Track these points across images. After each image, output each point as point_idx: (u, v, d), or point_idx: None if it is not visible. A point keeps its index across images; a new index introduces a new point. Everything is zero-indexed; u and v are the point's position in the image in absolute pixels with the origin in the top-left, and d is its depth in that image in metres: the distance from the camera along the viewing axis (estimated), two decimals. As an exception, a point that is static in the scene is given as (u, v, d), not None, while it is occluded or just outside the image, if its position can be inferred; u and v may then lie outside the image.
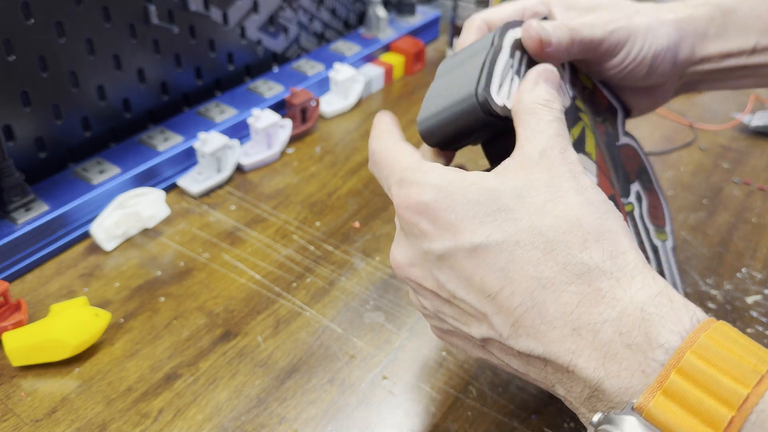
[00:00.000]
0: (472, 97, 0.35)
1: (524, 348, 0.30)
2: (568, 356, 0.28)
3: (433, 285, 0.33)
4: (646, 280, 0.29)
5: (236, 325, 0.51)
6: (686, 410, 0.25)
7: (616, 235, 0.30)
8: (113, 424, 0.43)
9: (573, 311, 0.28)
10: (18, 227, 0.54)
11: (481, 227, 0.30)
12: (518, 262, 0.29)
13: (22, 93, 0.57)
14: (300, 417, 0.44)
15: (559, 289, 0.29)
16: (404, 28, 0.89)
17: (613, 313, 0.28)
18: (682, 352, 0.26)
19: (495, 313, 0.30)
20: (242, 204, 0.63)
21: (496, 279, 0.30)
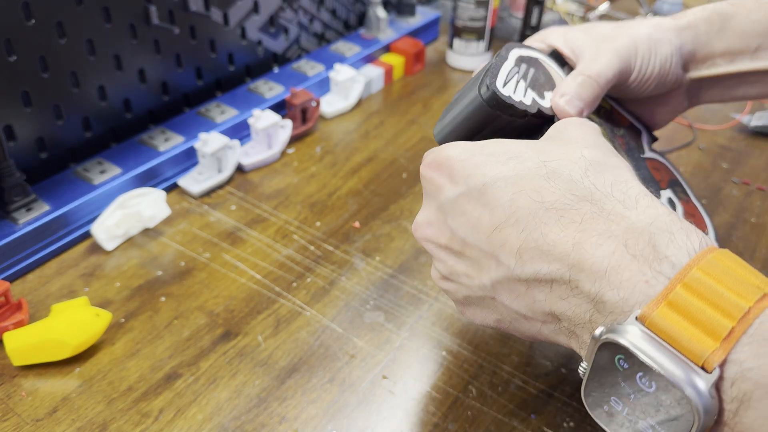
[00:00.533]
0: (476, 93, 0.37)
1: (530, 272, 0.30)
2: (569, 273, 0.29)
3: (446, 238, 0.34)
4: (653, 203, 0.29)
5: (237, 324, 0.51)
6: (688, 320, 0.25)
7: (619, 169, 0.31)
8: (114, 423, 0.44)
9: (576, 228, 0.29)
10: (19, 227, 0.54)
11: (492, 169, 0.32)
12: (524, 190, 0.31)
13: (23, 93, 0.57)
14: (300, 416, 0.44)
15: (561, 209, 0.30)
16: (404, 28, 0.89)
17: (618, 229, 0.28)
18: (690, 267, 0.26)
19: (501, 246, 0.31)
20: (243, 204, 0.63)
21: (502, 210, 0.31)
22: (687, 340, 0.25)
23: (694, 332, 0.25)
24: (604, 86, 0.42)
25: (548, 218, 0.30)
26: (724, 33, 0.45)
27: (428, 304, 0.53)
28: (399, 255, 0.57)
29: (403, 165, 0.69)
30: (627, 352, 0.26)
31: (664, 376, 0.25)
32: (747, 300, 0.25)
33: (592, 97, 0.41)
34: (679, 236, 0.27)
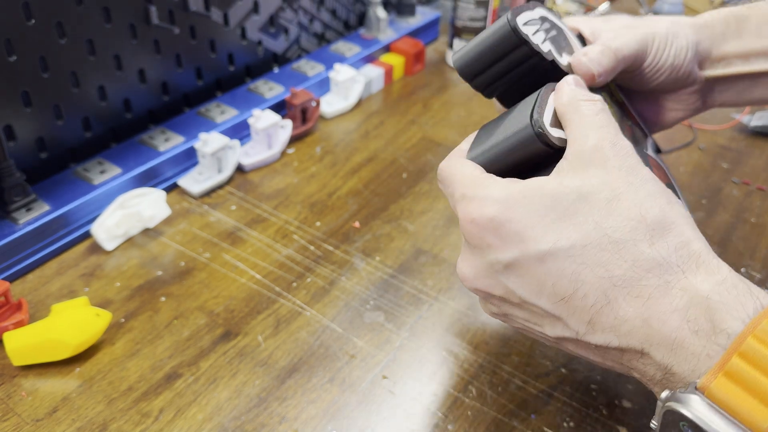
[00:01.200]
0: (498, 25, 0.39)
1: (600, 342, 0.31)
2: (640, 345, 0.30)
3: (502, 292, 0.34)
4: (710, 269, 0.30)
5: (237, 324, 0.51)
6: (746, 391, 0.26)
7: (680, 227, 0.31)
8: (114, 423, 0.44)
9: (644, 304, 0.30)
10: (19, 227, 0.54)
11: (546, 234, 0.31)
12: (588, 264, 0.30)
13: (23, 93, 0.57)
14: (300, 416, 0.44)
15: (629, 286, 0.30)
16: (404, 28, 0.89)
17: (681, 303, 0.29)
18: (744, 336, 0.27)
19: (569, 315, 0.31)
20: (243, 204, 0.63)
21: (568, 283, 0.31)
22: (746, 411, 0.26)
23: (752, 402, 0.26)
24: (621, 61, 0.42)
25: (617, 294, 0.30)
26: (740, 34, 0.45)
27: (428, 304, 0.53)
28: (399, 255, 0.57)
29: (403, 165, 0.69)
30: (689, 421, 0.27)
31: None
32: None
33: (610, 66, 0.41)
34: (733, 305, 0.28)
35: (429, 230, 0.60)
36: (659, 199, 0.31)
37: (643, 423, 0.44)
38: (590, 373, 0.47)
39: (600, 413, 0.45)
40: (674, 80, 0.45)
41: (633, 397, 0.46)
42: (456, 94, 0.82)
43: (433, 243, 0.59)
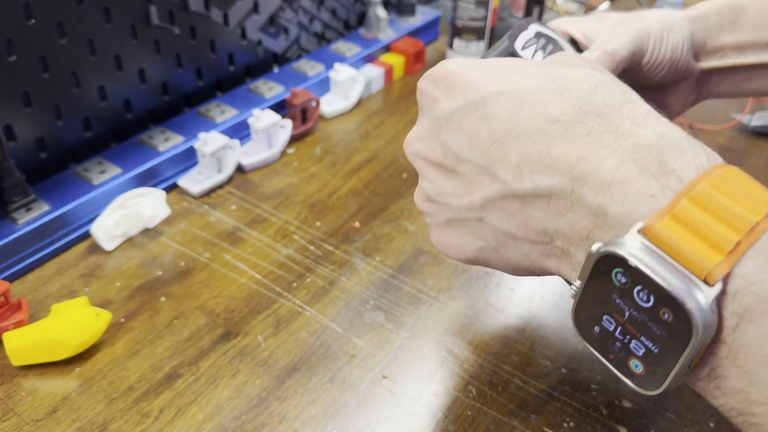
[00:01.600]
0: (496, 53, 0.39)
1: (528, 187, 0.29)
2: (571, 186, 0.28)
3: (439, 153, 0.33)
4: (662, 120, 0.28)
5: (237, 324, 0.51)
6: (693, 234, 0.24)
7: (629, 92, 0.30)
8: (114, 423, 0.44)
9: (582, 141, 0.28)
10: (19, 227, 0.54)
11: (493, 82, 0.31)
12: (527, 103, 0.30)
13: (23, 93, 0.57)
14: (300, 416, 0.44)
15: (567, 123, 0.28)
16: (404, 28, 0.89)
17: (626, 144, 0.27)
18: (697, 181, 0.25)
19: (499, 161, 0.30)
20: (243, 204, 0.63)
21: (502, 123, 0.30)
22: (691, 253, 0.24)
23: (699, 245, 0.24)
24: (618, 63, 0.42)
25: (552, 131, 0.28)
26: (735, 25, 0.45)
27: (428, 304, 0.53)
28: (399, 255, 0.57)
29: (403, 165, 0.69)
30: (626, 265, 0.25)
31: (665, 288, 0.24)
32: (755, 214, 0.24)
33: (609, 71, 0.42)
34: (687, 152, 0.26)
35: (429, 230, 0.60)
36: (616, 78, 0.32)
37: (643, 423, 0.44)
38: (590, 373, 0.47)
39: (600, 413, 0.45)
40: (674, 73, 0.45)
41: (633, 397, 0.46)
42: (456, 94, 0.82)
43: (433, 243, 0.59)
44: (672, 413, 0.45)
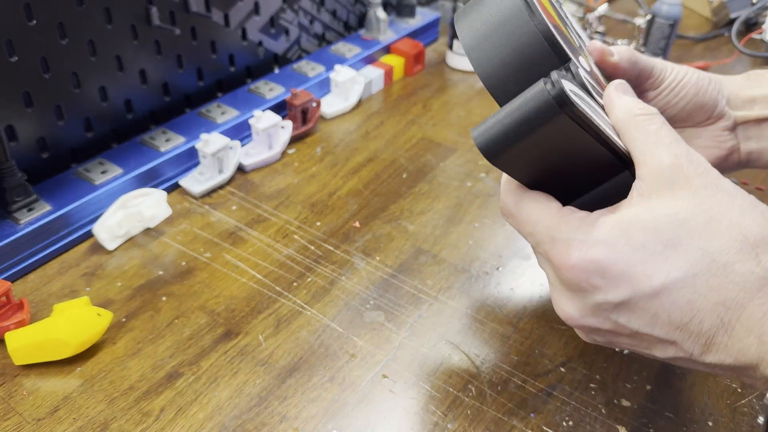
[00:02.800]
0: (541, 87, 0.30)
1: (714, 361, 0.31)
2: (754, 362, 0.30)
3: (611, 326, 0.34)
4: None
5: (237, 324, 0.51)
6: None
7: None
8: (115, 422, 0.44)
9: (758, 321, 0.30)
10: (20, 227, 0.54)
11: (656, 269, 0.31)
12: (701, 292, 0.31)
13: (25, 94, 0.57)
14: (301, 415, 0.44)
15: (742, 307, 0.30)
16: (404, 29, 0.89)
17: None
18: None
19: (684, 340, 0.32)
20: (243, 204, 0.64)
21: (683, 312, 0.31)
22: None
23: None
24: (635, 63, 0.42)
25: (731, 317, 0.30)
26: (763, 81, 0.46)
27: (428, 303, 0.53)
28: (399, 255, 0.58)
29: (403, 165, 0.69)
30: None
31: None
32: None
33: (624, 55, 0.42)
34: None
35: (429, 230, 0.61)
36: (754, 212, 0.31)
37: (642, 422, 0.44)
38: (589, 373, 0.47)
39: (599, 412, 0.45)
40: (701, 106, 0.45)
41: (632, 396, 0.46)
42: (456, 95, 0.83)
43: (433, 243, 0.59)
44: (671, 413, 0.45)
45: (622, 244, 0.31)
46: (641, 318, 0.32)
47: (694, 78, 0.44)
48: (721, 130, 0.46)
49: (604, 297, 0.32)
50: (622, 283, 0.32)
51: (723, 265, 0.30)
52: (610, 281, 0.32)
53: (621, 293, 0.32)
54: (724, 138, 0.46)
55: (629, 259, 0.31)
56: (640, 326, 0.32)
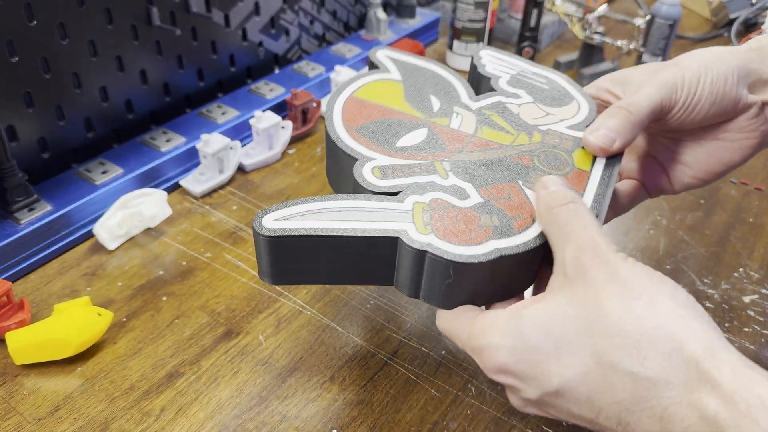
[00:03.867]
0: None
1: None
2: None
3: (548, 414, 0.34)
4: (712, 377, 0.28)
5: (238, 323, 0.51)
6: None
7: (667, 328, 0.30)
8: (115, 422, 0.44)
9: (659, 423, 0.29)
10: (21, 227, 0.55)
11: (551, 370, 0.31)
12: (597, 392, 0.31)
13: (25, 94, 0.57)
14: (301, 415, 0.44)
15: (639, 408, 0.30)
16: (404, 30, 0.90)
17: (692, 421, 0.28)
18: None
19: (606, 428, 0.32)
20: (244, 204, 0.64)
21: (588, 408, 0.31)
22: None
23: None
24: (638, 117, 0.39)
25: (631, 418, 0.30)
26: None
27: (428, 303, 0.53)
28: (399, 255, 0.58)
29: (403, 165, 0.69)
30: None
31: None
32: None
33: (624, 126, 0.39)
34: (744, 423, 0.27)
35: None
36: (640, 302, 0.30)
37: None
38: (589, 372, 0.47)
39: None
40: (720, 110, 0.42)
41: (632, 395, 0.46)
42: (456, 95, 0.83)
43: (433, 243, 0.59)
44: (670, 412, 0.45)
45: (519, 346, 0.32)
46: (560, 411, 0.33)
47: (707, 89, 0.41)
48: (748, 119, 0.43)
49: (524, 394, 0.33)
50: (531, 383, 0.32)
51: (610, 365, 0.30)
52: (521, 381, 0.33)
53: (533, 392, 0.33)
54: (753, 126, 0.44)
55: (528, 360, 0.32)
56: (567, 417, 0.33)
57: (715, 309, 0.53)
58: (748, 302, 0.54)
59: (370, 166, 0.39)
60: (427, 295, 0.37)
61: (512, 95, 0.44)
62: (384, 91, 0.44)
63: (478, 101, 0.44)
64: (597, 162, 0.40)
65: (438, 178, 0.38)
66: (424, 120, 0.42)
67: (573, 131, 0.42)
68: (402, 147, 0.40)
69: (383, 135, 0.41)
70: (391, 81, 0.45)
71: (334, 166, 0.43)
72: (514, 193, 0.38)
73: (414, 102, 0.44)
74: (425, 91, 0.45)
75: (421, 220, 0.35)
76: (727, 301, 0.54)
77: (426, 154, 0.40)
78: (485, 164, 0.39)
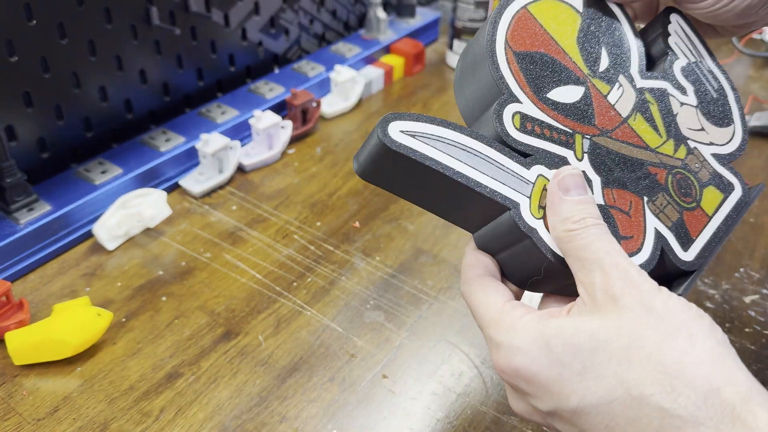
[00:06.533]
0: None
1: None
2: None
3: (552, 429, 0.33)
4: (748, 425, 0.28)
5: (237, 324, 0.51)
6: None
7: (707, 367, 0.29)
8: (115, 422, 0.44)
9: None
10: (20, 227, 0.54)
11: (573, 390, 0.30)
12: (617, 421, 0.30)
13: (24, 93, 0.57)
14: (301, 415, 0.44)
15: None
16: (404, 29, 0.89)
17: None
18: None
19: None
20: (243, 204, 0.63)
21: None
22: None
23: None
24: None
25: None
26: None
27: (428, 303, 0.53)
28: (399, 255, 0.58)
29: (403, 165, 0.69)
30: None
31: None
32: None
33: None
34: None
35: (429, 230, 0.61)
36: (678, 338, 0.29)
37: None
38: (589, 373, 0.47)
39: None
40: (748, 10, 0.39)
41: (632, 396, 0.46)
42: (456, 95, 0.83)
43: (433, 243, 0.59)
44: (671, 412, 0.45)
45: (543, 356, 0.31)
46: (573, 429, 0.32)
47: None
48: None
49: (535, 402, 0.32)
50: (545, 395, 0.31)
51: (638, 398, 0.29)
52: (535, 390, 0.32)
53: (546, 404, 0.31)
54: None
55: (548, 373, 0.31)
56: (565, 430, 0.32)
57: (716, 309, 0.53)
58: (749, 302, 0.54)
59: (513, 109, 0.34)
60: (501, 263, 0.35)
61: (680, 87, 0.40)
62: (559, 18, 0.38)
63: (645, 79, 0.39)
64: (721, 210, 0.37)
65: (572, 156, 0.35)
66: (586, 76, 0.37)
67: (715, 162, 0.39)
68: (552, 100, 0.35)
69: (539, 74, 0.36)
70: (571, 8, 0.39)
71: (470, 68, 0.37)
72: (635, 211, 0.35)
73: (584, 48, 0.38)
74: (600, 39, 0.39)
75: (538, 200, 0.33)
76: (728, 301, 0.54)
77: (572, 121, 0.35)
78: (622, 161, 0.36)
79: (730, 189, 0.39)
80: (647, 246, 0.35)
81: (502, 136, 0.33)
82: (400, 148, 0.31)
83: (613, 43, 0.39)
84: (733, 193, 0.39)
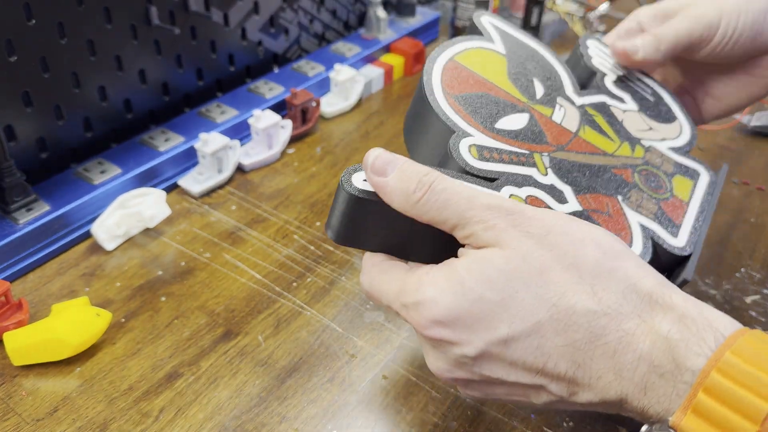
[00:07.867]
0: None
1: (584, 400, 0.31)
2: (618, 396, 0.30)
3: (480, 377, 0.33)
4: (665, 305, 0.30)
5: (237, 324, 0.51)
6: (714, 426, 0.27)
7: (621, 269, 0.31)
8: (114, 423, 0.44)
9: (611, 359, 0.30)
10: (19, 227, 0.54)
11: (500, 320, 0.31)
12: (547, 337, 0.30)
13: (24, 93, 0.57)
14: (300, 416, 0.44)
15: (593, 346, 0.30)
16: (404, 29, 0.89)
17: (644, 349, 0.29)
18: (707, 372, 0.27)
19: (549, 383, 0.31)
20: (243, 204, 0.63)
21: (536, 358, 0.31)
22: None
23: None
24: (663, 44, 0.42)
25: (583, 357, 0.30)
26: None
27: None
28: (399, 255, 0.58)
29: (403, 165, 0.69)
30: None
31: None
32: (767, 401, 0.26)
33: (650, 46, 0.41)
34: (693, 341, 0.29)
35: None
36: (586, 247, 0.31)
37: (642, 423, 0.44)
38: (590, 373, 0.47)
39: (599, 413, 0.45)
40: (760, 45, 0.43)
41: (632, 396, 0.46)
42: (456, 95, 0.83)
43: (433, 243, 0.59)
44: (671, 413, 0.45)
45: (461, 298, 0.31)
46: (501, 367, 0.32)
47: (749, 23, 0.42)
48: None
49: (460, 351, 0.32)
50: (472, 337, 0.31)
51: (565, 309, 0.30)
52: (460, 336, 0.31)
53: (474, 347, 0.31)
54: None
55: (471, 311, 0.31)
56: (504, 375, 0.32)
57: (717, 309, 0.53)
58: (750, 303, 0.54)
59: (468, 142, 0.35)
60: None
61: (617, 98, 0.42)
62: (486, 62, 0.40)
63: (583, 97, 0.41)
64: (695, 194, 0.38)
65: (537, 173, 0.36)
66: (526, 105, 0.39)
67: (674, 154, 0.40)
68: (501, 129, 0.37)
69: (483, 110, 0.37)
70: (495, 52, 0.41)
71: (418, 127, 0.39)
72: (614, 210, 0.36)
73: (517, 82, 0.40)
74: (529, 73, 0.41)
75: None
76: (729, 301, 0.54)
77: (526, 143, 0.37)
78: (586, 169, 0.37)
79: (697, 175, 0.41)
80: (636, 239, 0.36)
81: (464, 167, 0.34)
82: (368, 195, 0.32)
83: (543, 74, 0.42)
84: (701, 177, 0.41)
